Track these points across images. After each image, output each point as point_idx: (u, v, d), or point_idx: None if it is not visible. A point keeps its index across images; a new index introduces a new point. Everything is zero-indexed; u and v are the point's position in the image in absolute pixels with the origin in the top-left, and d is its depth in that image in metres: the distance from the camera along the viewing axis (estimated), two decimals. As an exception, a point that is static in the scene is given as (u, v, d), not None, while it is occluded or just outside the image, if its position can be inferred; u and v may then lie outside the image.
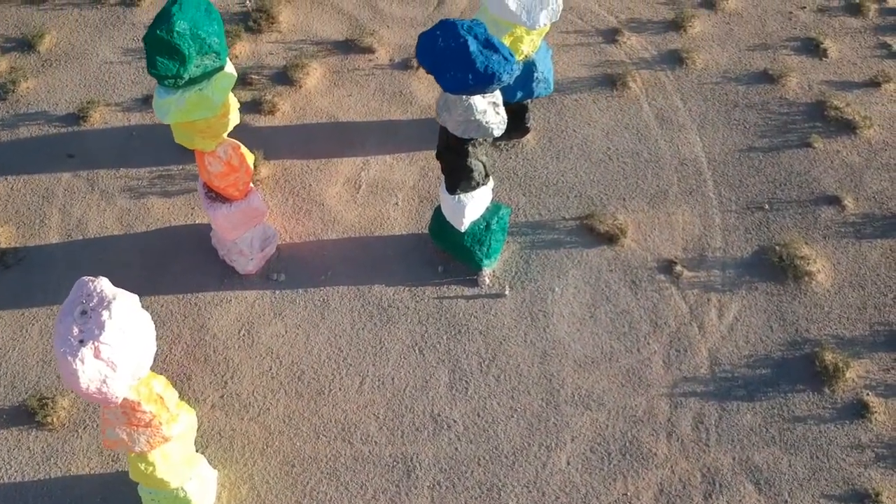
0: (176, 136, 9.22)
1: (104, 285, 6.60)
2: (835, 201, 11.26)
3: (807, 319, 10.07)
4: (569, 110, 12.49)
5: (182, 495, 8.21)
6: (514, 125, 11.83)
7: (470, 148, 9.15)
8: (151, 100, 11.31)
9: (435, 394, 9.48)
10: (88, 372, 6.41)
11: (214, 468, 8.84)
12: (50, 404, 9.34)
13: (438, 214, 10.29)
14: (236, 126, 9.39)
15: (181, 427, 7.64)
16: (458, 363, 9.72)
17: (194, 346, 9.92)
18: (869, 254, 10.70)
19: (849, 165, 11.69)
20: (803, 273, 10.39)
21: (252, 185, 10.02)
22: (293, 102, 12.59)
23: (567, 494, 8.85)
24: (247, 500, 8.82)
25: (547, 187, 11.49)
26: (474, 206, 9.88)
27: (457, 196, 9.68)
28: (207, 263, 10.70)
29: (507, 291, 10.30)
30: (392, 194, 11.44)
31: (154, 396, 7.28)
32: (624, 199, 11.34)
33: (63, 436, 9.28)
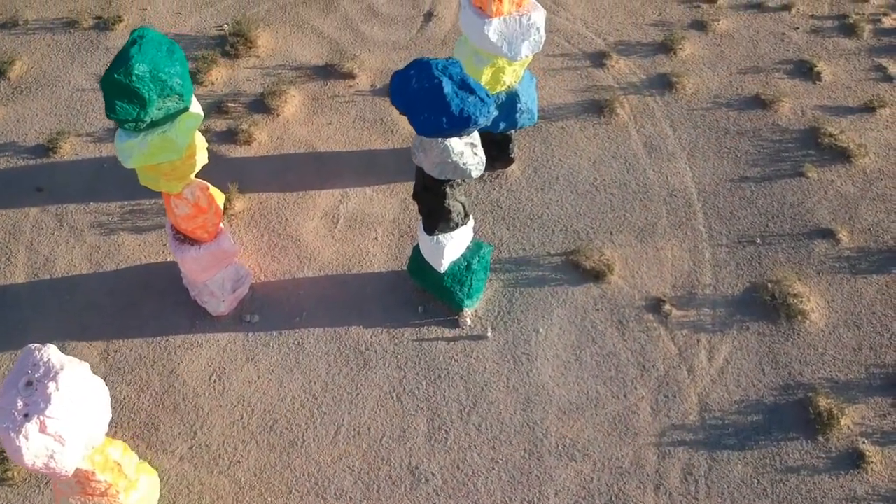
0: (141, 179, 8.82)
1: (51, 354, 6.20)
2: (829, 234, 10.88)
3: (800, 361, 9.68)
4: (555, 138, 12.09)
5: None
6: (498, 156, 11.45)
7: (448, 189, 8.75)
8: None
9: (413, 444, 9.08)
10: (34, 448, 6.03)
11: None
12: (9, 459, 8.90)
13: (417, 253, 9.90)
14: (210, 156, 8.99)
15: (140, 493, 7.25)
16: (438, 411, 9.32)
17: (163, 394, 9.51)
18: (864, 290, 10.31)
19: (843, 196, 11.31)
20: (796, 312, 10.00)
21: (222, 226, 9.59)
22: (270, 131, 12.18)
23: (549, 555, 8.47)
24: (214, 563, 8.43)
25: (532, 221, 11.09)
26: (454, 247, 9.49)
27: (435, 237, 9.28)
28: (179, 304, 10.29)
29: (490, 333, 9.90)
30: (371, 228, 11.04)
31: (111, 464, 6.88)
32: (611, 233, 10.95)
33: (24, 491, 8.88)
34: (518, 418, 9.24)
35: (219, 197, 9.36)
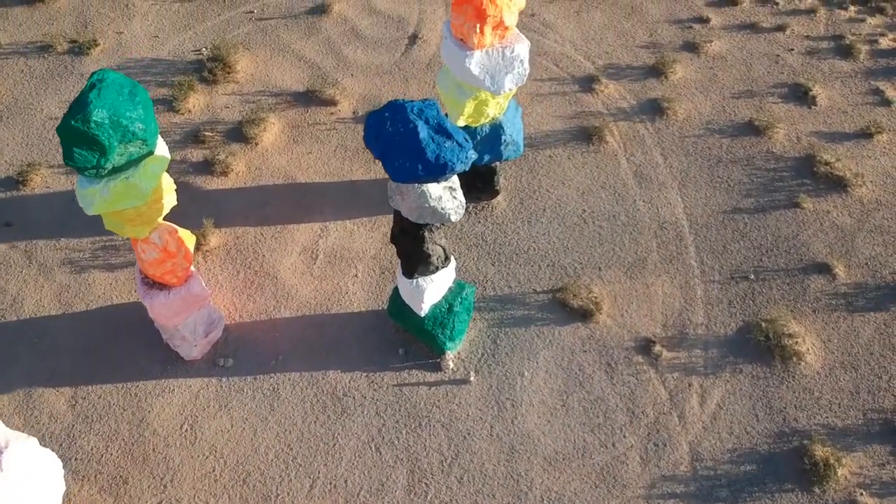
0: (106, 224, 8.43)
1: (-5, 431, 5.79)
2: (825, 269, 10.49)
3: (795, 406, 9.29)
4: (542, 168, 11.71)
5: None
6: (483, 188, 11.07)
7: (426, 233, 8.36)
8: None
9: (392, 498, 8.69)
10: (-24, 534, 5.60)
11: None
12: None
13: (397, 295, 9.52)
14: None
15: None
16: (418, 462, 8.93)
17: (133, 444, 9.11)
18: (862, 329, 9.93)
19: (839, 228, 10.92)
20: (791, 353, 9.62)
21: (193, 269, 9.19)
22: (249, 161, 11.78)
23: None
24: None
25: (518, 255, 10.70)
26: (434, 290, 9.10)
27: (415, 280, 8.88)
28: (150, 347, 9.89)
29: (473, 377, 9.51)
30: (351, 265, 10.64)
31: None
32: (599, 269, 10.56)
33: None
34: (502, 469, 8.85)
35: (189, 239, 8.96)
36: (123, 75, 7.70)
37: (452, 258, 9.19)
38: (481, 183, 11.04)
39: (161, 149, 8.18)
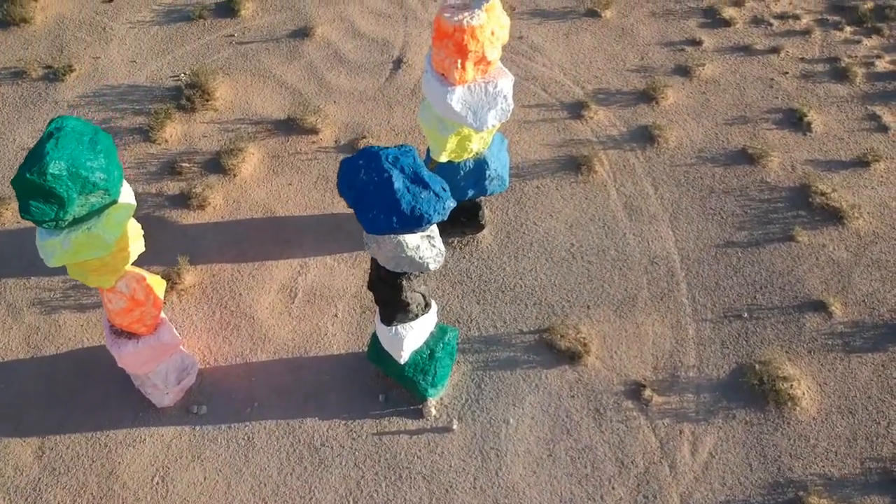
0: (70, 273, 8.06)
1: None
2: (821, 307, 10.14)
3: (790, 455, 8.93)
4: (529, 199, 11.34)
5: None
6: (468, 222, 10.70)
7: (404, 281, 7.99)
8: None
9: (370, 557, 8.31)
10: None
11: None
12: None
13: (377, 339, 9.13)
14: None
15: None
16: (398, 517, 8.55)
17: (101, 498, 8.75)
18: (859, 371, 9.57)
19: (836, 263, 10.57)
20: (786, 398, 9.26)
21: (163, 315, 8.81)
22: (226, 194, 11.40)
23: None
24: None
25: (503, 293, 10.33)
26: (415, 337, 8.74)
27: (394, 328, 8.51)
28: (122, 393, 9.54)
29: (456, 425, 9.15)
30: (331, 303, 10.27)
31: None
32: (588, 307, 10.19)
33: None
34: (485, 525, 8.48)
35: (158, 286, 8.59)
36: (84, 121, 7.32)
37: (433, 303, 8.82)
38: (466, 217, 10.68)
39: (126, 195, 7.81)
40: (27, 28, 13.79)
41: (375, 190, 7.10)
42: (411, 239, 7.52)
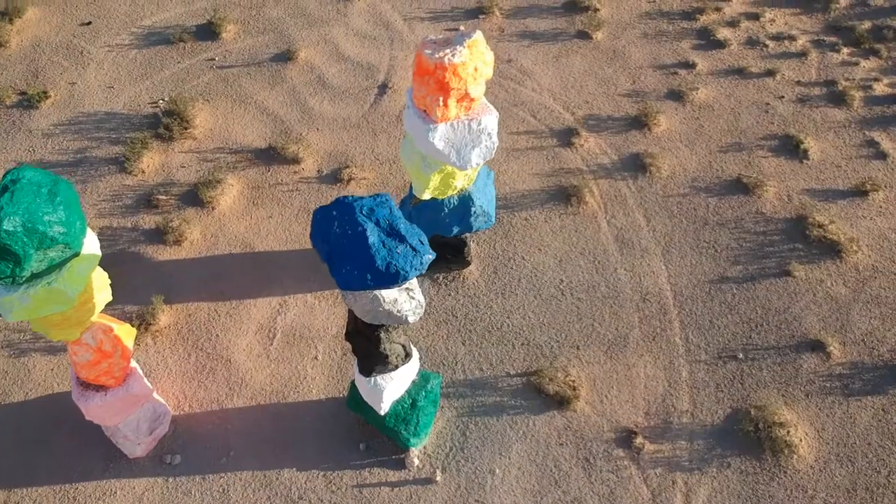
0: (32, 327, 7.65)
1: None
2: (818, 347, 9.78)
3: (788, 507, 8.56)
4: (518, 232, 10.97)
5: None
6: (454, 258, 10.33)
7: (382, 334, 7.60)
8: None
9: None
10: None
11: None
12: None
13: (357, 388, 8.75)
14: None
15: None
16: (378, 576, 8.17)
17: (68, 556, 8.34)
18: (858, 416, 9.21)
19: (834, 299, 10.21)
20: (783, 445, 8.90)
21: (133, 364, 8.43)
22: (204, 228, 11.01)
23: None
24: None
25: (490, 333, 9.96)
26: (395, 387, 8.37)
27: (373, 379, 8.13)
28: (92, 442, 9.17)
29: (439, 476, 8.77)
30: (311, 345, 9.89)
31: None
32: (578, 348, 9.82)
33: None
34: (469, 585, 8.10)
35: (128, 335, 8.21)
36: (43, 171, 6.95)
37: (415, 352, 8.45)
38: (451, 254, 10.32)
39: (90, 245, 7.43)
40: (1, 52, 13.39)
41: (349, 244, 6.73)
42: (388, 293, 7.15)
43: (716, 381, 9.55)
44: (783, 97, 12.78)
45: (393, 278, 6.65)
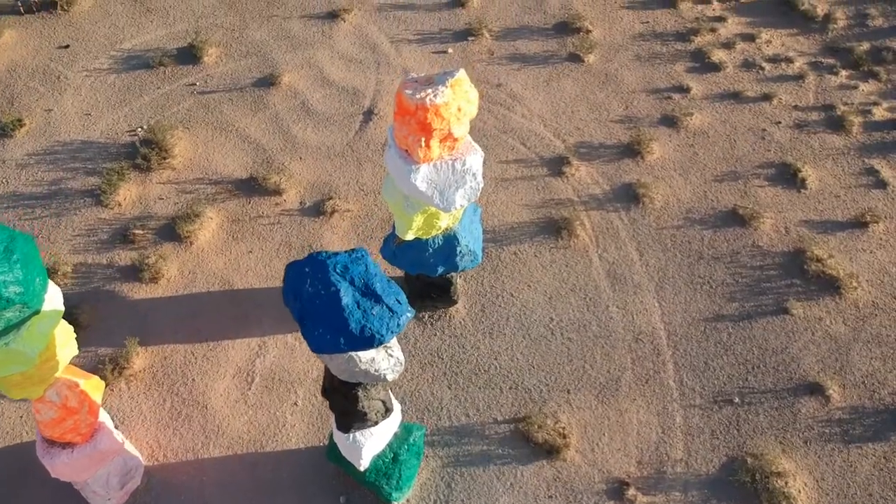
0: (-9, 383, 7.25)
1: None
2: (817, 390, 9.43)
3: (786, 564, 8.19)
4: (506, 267, 10.59)
5: None
6: (440, 297, 9.95)
7: (360, 392, 7.22)
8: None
9: None
10: None
11: None
12: None
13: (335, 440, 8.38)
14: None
15: None
16: None
17: None
18: (859, 464, 8.85)
19: (833, 338, 9.85)
20: (780, 497, 8.56)
21: (102, 419, 8.04)
22: (181, 264, 10.63)
23: None
24: None
25: (477, 376, 9.58)
26: (375, 443, 8.00)
27: (351, 435, 7.75)
28: (63, 496, 8.83)
29: (423, 532, 8.37)
30: (291, 390, 9.51)
31: None
32: (568, 392, 9.46)
33: None
34: None
35: (95, 389, 7.83)
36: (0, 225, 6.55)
37: (397, 406, 8.07)
38: (437, 293, 9.96)
39: (52, 301, 7.04)
40: (-24, 78, 13.02)
41: (322, 305, 6.35)
42: (365, 353, 6.76)
43: (711, 428, 9.19)
44: (780, 123, 12.42)
45: (368, 342, 6.27)
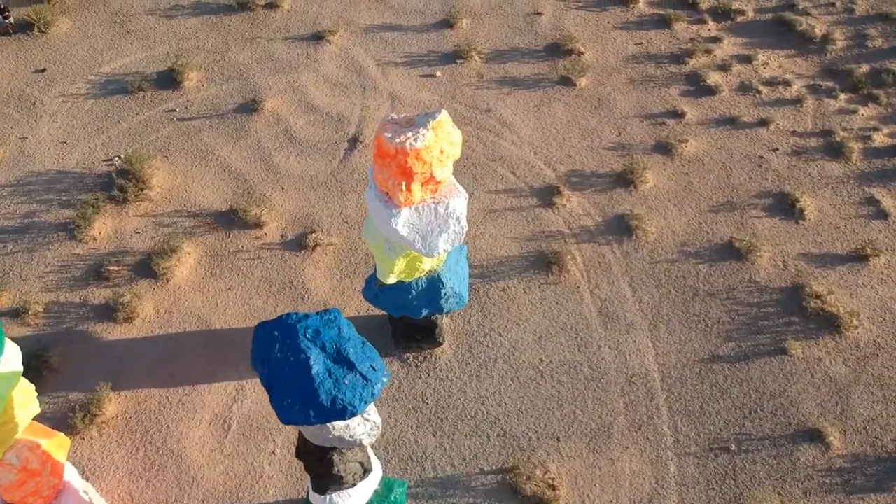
0: (-54, 448, 6.84)
1: None
2: (817, 437, 9.06)
3: None
4: (494, 305, 10.20)
5: None
6: (424, 339, 9.56)
7: (335, 456, 6.82)
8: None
9: None
10: None
11: None
12: None
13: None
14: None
15: None
16: None
17: None
18: (861, 517, 8.45)
19: (833, 381, 9.47)
20: (779, 554, 8.12)
21: (67, 478, 7.64)
22: (157, 303, 10.23)
23: None
24: None
25: (463, 422, 9.20)
26: (354, 503, 7.55)
27: (328, 497, 7.35)
28: (27, 553, 8.26)
29: (405, 592, 7.97)
30: (268, 438, 9.12)
31: None
32: (558, 439, 9.07)
33: None
34: None
35: (58, 449, 7.43)
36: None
37: (377, 463, 7.66)
38: (421, 335, 9.56)
39: (9, 362, 6.65)
40: (-52, 104, 12.61)
41: (291, 373, 5.96)
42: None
43: (706, 478, 8.81)
44: (777, 149, 12.05)
45: (339, 413, 5.89)
